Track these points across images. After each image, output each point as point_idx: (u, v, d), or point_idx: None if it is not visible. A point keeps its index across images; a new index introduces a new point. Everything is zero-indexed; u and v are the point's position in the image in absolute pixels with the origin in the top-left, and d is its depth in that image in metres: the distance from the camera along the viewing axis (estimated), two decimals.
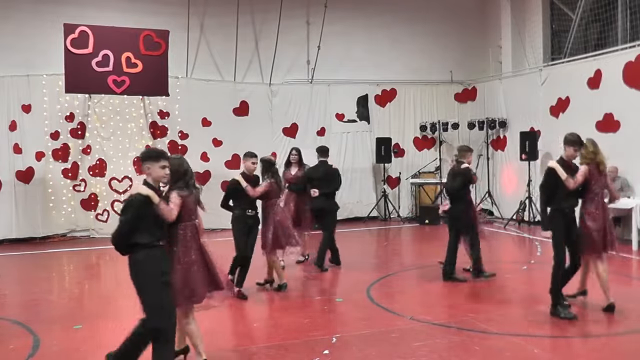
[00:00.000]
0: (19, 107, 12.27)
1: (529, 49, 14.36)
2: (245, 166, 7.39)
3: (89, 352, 5.53)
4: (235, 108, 13.88)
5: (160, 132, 13.20)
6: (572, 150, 6.33)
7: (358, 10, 14.90)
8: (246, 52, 14.05)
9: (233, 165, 13.44)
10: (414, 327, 6.00)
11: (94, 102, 12.72)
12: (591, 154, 6.28)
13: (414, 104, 15.48)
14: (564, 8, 13.87)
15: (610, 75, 11.28)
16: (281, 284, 7.60)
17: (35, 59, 12.29)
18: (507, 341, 5.54)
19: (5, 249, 11.58)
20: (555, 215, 6.29)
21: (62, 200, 12.56)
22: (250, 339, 5.83)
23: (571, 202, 6.36)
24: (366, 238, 12.57)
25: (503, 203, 14.28)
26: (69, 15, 11.88)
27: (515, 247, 11.21)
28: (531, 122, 13.42)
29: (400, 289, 7.94)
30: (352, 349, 5.44)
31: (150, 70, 11.94)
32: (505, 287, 7.69)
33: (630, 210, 10.08)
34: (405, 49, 15.35)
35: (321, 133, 14.53)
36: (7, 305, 7.50)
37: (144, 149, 5.17)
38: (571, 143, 6.35)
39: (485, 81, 15.41)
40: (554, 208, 6.30)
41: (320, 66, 14.48)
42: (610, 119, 11.23)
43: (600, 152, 6.32)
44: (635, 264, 9.26)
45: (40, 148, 12.40)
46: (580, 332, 5.86)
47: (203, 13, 13.71)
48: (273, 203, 7.43)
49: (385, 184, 15.01)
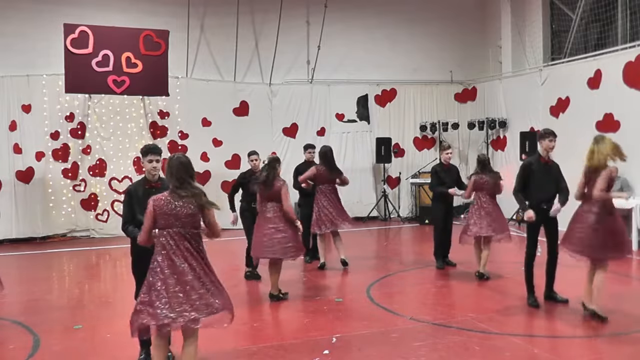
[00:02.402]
0: (19, 107, 12.27)
1: (529, 49, 14.36)
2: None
3: (89, 352, 5.53)
4: (235, 108, 13.89)
5: (160, 132, 13.20)
6: (548, 141, 6.54)
7: (358, 10, 14.90)
8: (246, 52, 14.05)
9: (233, 165, 13.45)
10: (414, 327, 6.00)
11: (94, 102, 12.72)
12: (615, 152, 6.02)
13: (414, 104, 15.48)
14: (564, 8, 13.87)
15: (610, 75, 11.28)
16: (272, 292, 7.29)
17: (35, 59, 12.29)
18: (507, 341, 5.54)
19: (5, 249, 11.58)
20: (529, 208, 6.57)
21: (62, 200, 12.56)
22: (250, 339, 5.83)
23: (545, 197, 6.51)
24: (366, 238, 12.57)
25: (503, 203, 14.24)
26: (69, 15, 11.88)
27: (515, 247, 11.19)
28: (531, 122, 13.42)
29: (400, 289, 7.95)
30: (352, 349, 5.44)
31: (150, 70, 11.94)
32: (505, 287, 7.69)
33: (630, 210, 10.08)
34: (405, 48, 15.35)
35: (321, 133, 14.54)
36: (7, 305, 7.49)
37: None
38: (545, 135, 6.58)
39: (485, 81, 15.41)
40: (530, 204, 6.59)
41: (320, 66, 14.48)
42: (610, 119, 11.23)
43: (596, 152, 6.06)
44: (635, 264, 9.26)
45: (40, 148, 12.40)
46: (580, 332, 5.86)
47: (203, 13, 13.72)
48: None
49: (385, 184, 15.01)
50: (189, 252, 4.30)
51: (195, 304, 4.22)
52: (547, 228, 6.64)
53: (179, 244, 4.28)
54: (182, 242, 4.28)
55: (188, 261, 4.28)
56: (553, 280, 6.70)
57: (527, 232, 6.75)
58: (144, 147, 5.17)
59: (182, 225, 4.29)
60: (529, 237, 6.72)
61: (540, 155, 6.64)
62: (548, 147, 6.59)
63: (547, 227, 6.64)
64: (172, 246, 4.27)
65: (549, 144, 6.57)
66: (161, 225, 4.30)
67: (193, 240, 4.34)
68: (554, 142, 6.60)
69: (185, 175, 4.37)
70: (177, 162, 4.39)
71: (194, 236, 4.35)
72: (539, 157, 6.64)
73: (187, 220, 4.30)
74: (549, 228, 6.63)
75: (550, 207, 6.52)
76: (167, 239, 4.28)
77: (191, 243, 4.33)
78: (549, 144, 6.57)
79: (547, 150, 6.61)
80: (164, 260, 4.26)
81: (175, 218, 4.27)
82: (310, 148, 9.55)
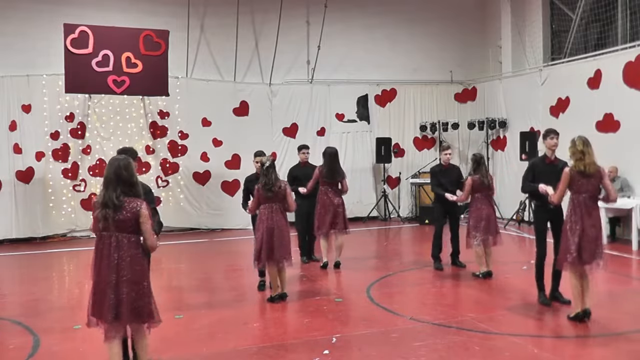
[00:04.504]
0: (19, 107, 12.27)
1: (529, 49, 14.36)
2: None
3: (89, 352, 5.53)
4: (235, 108, 13.88)
5: (160, 132, 13.20)
6: (549, 139, 6.58)
7: (358, 10, 14.90)
8: (246, 52, 14.05)
9: (233, 165, 13.45)
10: (414, 327, 6.00)
11: (94, 102, 12.72)
12: (579, 154, 5.81)
13: (414, 104, 15.48)
14: (564, 8, 13.87)
15: (610, 75, 11.28)
16: (282, 293, 7.24)
17: (35, 59, 12.30)
18: (507, 341, 5.54)
19: (5, 249, 11.59)
20: (538, 210, 6.66)
21: (62, 200, 12.56)
22: (250, 339, 5.82)
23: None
24: (366, 238, 12.57)
25: (503, 203, 14.28)
26: (69, 15, 11.88)
27: (515, 247, 11.20)
28: (531, 122, 13.42)
29: (400, 289, 7.94)
30: (352, 349, 5.44)
31: (150, 70, 11.93)
32: (505, 287, 7.69)
33: (630, 210, 10.07)
34: (405, 48, 15.35)
35: (321, 133, 14.54)
36: (7, 305, 7.50)
37: None
38: (546, 134, 6.62)
39: (485, 81, 15.41)
40: (537, 204, 6.65)
41: (320, 66, 14.48)
42: (610, 119, 11.23)
43: (590, 153, 5.82)
44: (635, 264, 9.26)
45: (40, 148, 12.40)
46: (580, 332, 5.85)
47: (203, 13, 13.72)
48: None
49: (385, 184, 15.01)
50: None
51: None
52: (552, 229, 6.62)
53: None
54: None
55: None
56: (559, 280, 6.64)
57: (535, 233, 6.75)
58: (118, 149, 5.28)
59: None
60: (537, 237, 6.70)
61: (545, 155, 6.66)
62: (550, 145, 6.60)
63: (553, 227, 6.61)
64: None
65: (551, 142, 6.59)
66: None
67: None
68: (555, 139, 6.60)
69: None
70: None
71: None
72: (545, 157, 6.67)
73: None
74: (554, 228, 6.58)
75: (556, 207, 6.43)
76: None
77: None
78: (550, 142, 6.59)
79: (551, 149, 6.61)
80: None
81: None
82: (305, 149, 9.49)
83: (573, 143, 5.93)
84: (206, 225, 13.40)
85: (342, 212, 8.95)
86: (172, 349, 5.42)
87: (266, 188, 6.90)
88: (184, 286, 8.51)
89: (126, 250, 4.37)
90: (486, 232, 7.97)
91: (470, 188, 8.11)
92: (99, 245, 4.42)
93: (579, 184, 5.85)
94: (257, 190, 6.97)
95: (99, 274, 4.39)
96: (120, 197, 4.35)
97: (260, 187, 6.94)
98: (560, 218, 6.47)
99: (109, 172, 4.42)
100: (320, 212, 8.83)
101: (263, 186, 6.91)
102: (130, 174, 4.44)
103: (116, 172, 4.39)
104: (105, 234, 4.38)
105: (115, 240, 4.36)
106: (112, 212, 4.33)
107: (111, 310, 4.32)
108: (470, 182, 8.11)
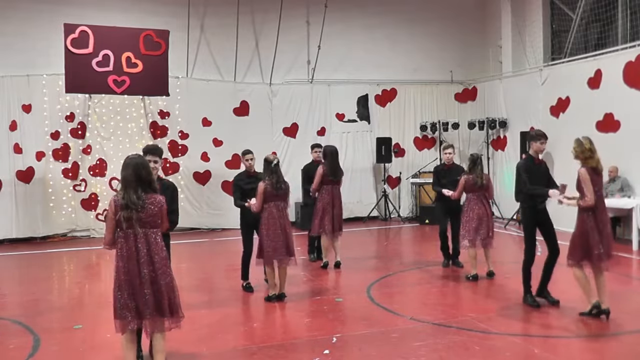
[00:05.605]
0: (19, 107, 12.28)
1: (529, 49, 14.36)
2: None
3: (89, 352, 5.54)
4: (236, 108, 13.89)
5: (160, 132, 13.20)
6: (539, 144, 6.56)
7: (358, 10, 14.90)
8: (246, 52, 14.04)
9: (233, 165, 13.44)
10: (414, 327, 6.00)
11: (94, 102, 12.73)
12: (588, 152, 5.92)
13: (414, 103, 15.48)
14: (564, 8, 13.86)
15: (610, 75, 11.27)
16: (280, 293, 7.21)
17: (35, 59, 12.30)
18: (507, 341, 5.54)
19: (5, 249, 11.59)
20: (526, 210, 6.66)
21: (62, 200, 12.57)
22: (250, 339, 5.82)
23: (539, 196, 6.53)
24: (366, 238, 12.57)
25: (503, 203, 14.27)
26: (69, 15, 11.88)
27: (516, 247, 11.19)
28: (531, 122, 13.40)
29: (400, 289, 7.94)
30: (352, 349, 5.44)
31: (151, 70, 11.93)
32: (505, 287, 7.69)
33: (631, 210, 10.07)
34: (405, 48, 15.35)
35: (321, 133, 14.53)
36: (7, 305, 7.50)
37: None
38: (536, 137, 6.60)
39: (486, 81, 15.41)
40: (524, 206, 6.66)
41: (320, 66, 14.48)
42: (610, 119, 11.22)
43: (596, 152, 5.99)
44: (635, 264, 9.26)
45: (41, 148, 12.40)
46: (580, 332, 5.86)
47: (203, 13, 13.72)
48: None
49: (385, 183, 15.01)
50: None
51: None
52: (543, 229, 6.64)
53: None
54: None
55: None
56: (549, 278, 6.69)
57: (525, 234, 6.73)
58: (144, 148, 5.34)
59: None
60: (527, 239, 6.69)
61: (533, 157, 6.64)
62: (539, 150, 6.61)
63: (543, 228, 6.64)
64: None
65: (540, 147, 6.59)
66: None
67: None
68: (544, 144, 6.63)
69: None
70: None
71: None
72: (533, 159, 6.64)
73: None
74: (545, 228, 6.63)
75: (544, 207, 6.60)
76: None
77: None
78: (540, 147, 6.59)
79: (538, 152, 6.63)
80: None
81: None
82: (317, 147, 9.53)
83: (580, 143, 5.99)
84: (206, 225, 13.41)
85: (341, 213, 9.07)
86: (172, 349, 5.42)
87: (277, 186, 6.94)
88: (184, 286, 8.46)
89: (155, 245, 4.44)
90: (476, 233, 7.95)
91: (462, 187, 8.13)
92: (124, 245, 4.43)
93: (594, 181, 5.94)
94: (265, 188, 6.93)
95: (128, 273, 4.42)
96: (142, 196, 4.42)
97: (268, 185, 6.93)
98: (548, 219, 6.61)
99: (128, 173, 4.45)
100: (322, 211, 8.84)
101: (274, 184, 6.92)
102: (148, 172, 4.53)
103: (136, 172, 4.44)
104: (131, 231, 4.41)
105: (144, 236, 4.41)
106: (135, 212, 4.37)
107: (149, 305, 4.37)
108: (462, 182, 8.13)
